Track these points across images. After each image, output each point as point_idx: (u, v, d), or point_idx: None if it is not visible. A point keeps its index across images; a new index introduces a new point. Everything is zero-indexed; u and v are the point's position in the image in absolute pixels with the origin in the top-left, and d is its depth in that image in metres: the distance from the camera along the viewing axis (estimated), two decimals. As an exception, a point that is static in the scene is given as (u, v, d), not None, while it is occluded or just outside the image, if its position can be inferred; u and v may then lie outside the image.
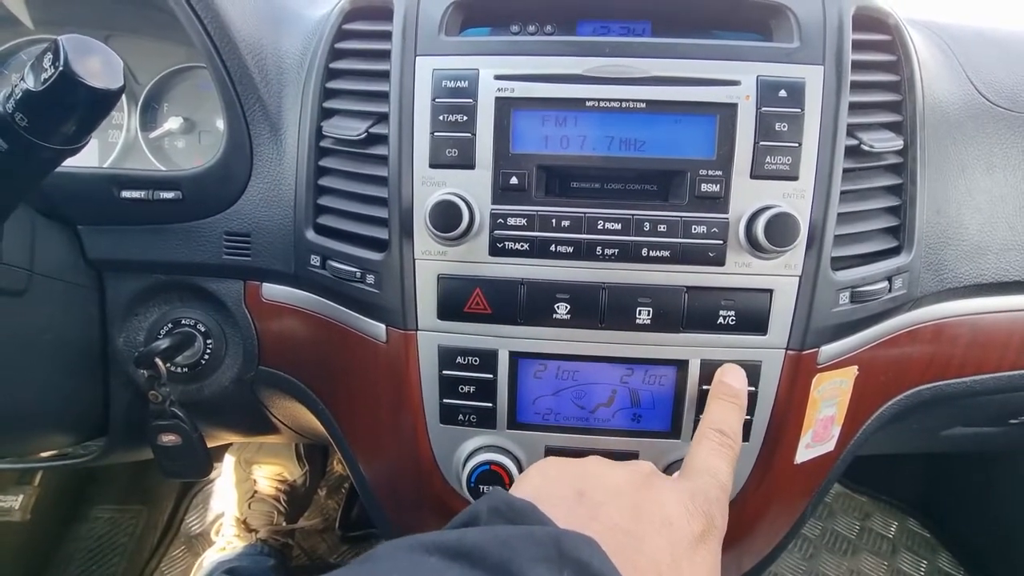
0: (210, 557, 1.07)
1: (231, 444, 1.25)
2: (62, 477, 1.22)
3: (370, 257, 0.53)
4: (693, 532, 0.36)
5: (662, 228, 0.50)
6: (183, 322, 0.63)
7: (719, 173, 0.49)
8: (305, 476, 1.24)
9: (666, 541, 0.35)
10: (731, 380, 0.49)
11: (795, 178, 0.49)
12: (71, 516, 1.26)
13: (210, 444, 0.82)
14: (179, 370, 0.63)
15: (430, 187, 0.51)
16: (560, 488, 0.38)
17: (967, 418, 0.73)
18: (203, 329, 0.63)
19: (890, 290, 0.53)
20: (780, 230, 0.47)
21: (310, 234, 0.56)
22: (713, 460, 0.42)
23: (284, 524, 1.16)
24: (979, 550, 1.22)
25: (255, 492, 1.18)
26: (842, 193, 0.50)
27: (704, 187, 0.49)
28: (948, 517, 1.30)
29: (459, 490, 0.57)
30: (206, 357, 0.63)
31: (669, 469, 0.54)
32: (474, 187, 0.50)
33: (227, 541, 1.10)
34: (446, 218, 0.49)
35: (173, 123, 0.72)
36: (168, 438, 0.62)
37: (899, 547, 1.30)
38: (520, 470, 0.54)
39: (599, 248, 0.50)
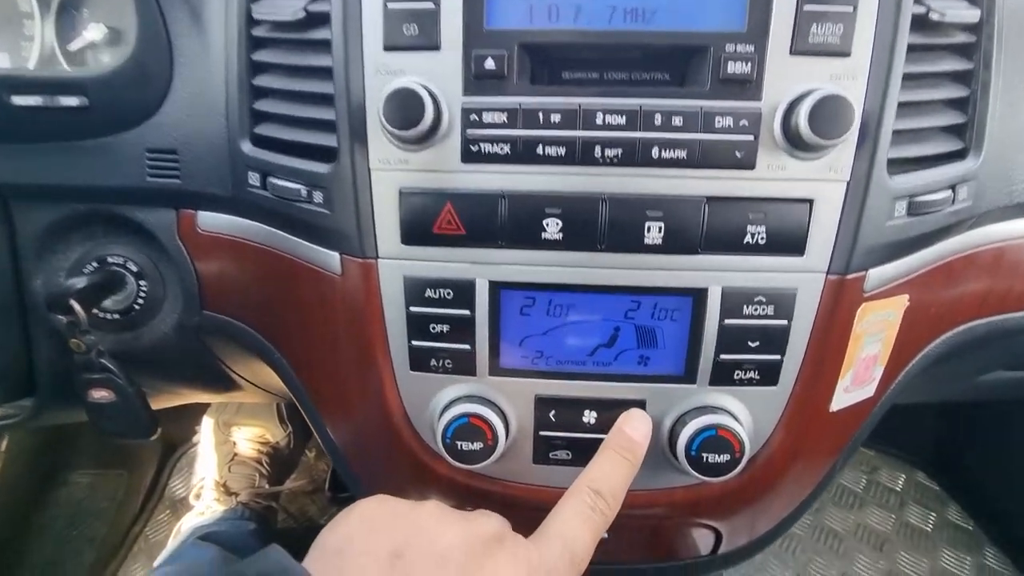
0: (188, 522, 1.03)
1: (209, 406, 1.20)
2: (32, 441, 1.19)
3: (317, 170, 0.44)
4: None
5: (677, 121, 0.40)
6: (110, 260, 0.54)
7: (751, 49, 0.39)
8: (288, 438, 1.20)
9: None
10: (630, 430, 0.43)
11: (847, 54, 0.39)
12: (47, 482, 1.24)
13: (166, 403, 0.74)
14: (109, 316, 0.55)
15: (385, 76, 0.41)
16: (375, 543, 0.33)
17: (1017, 360, 0.66)
18: (135, 269, 0.55)
19: (954, 201, 0.44)
20: (829, 117, 0.38)
21: (246, 146, 0.47)
22: (574, 525, 0.36)
23: (267, 487, 1.12)
24: (991, 500, 1.21)
25: (235, 455, 1.13)
26: (903, 77, 0.40)
27: (731, 67, 0.39)
28: (959, 469, 1.28)
29: (435, 447, 0.49)
30: (140, 301, 0.55)
31: (680, 421, 0.46)
32: (440, 74, 0.41)
33: (206, 505, 1.06)
34: (404, 110, 0.39)
35: (95, 32, 0.60)
36: (99, 394, 0.54)
37: (907, 500, 1.31)
38: (505, 424, 0.47)
39: (598, 148, 0.41)
